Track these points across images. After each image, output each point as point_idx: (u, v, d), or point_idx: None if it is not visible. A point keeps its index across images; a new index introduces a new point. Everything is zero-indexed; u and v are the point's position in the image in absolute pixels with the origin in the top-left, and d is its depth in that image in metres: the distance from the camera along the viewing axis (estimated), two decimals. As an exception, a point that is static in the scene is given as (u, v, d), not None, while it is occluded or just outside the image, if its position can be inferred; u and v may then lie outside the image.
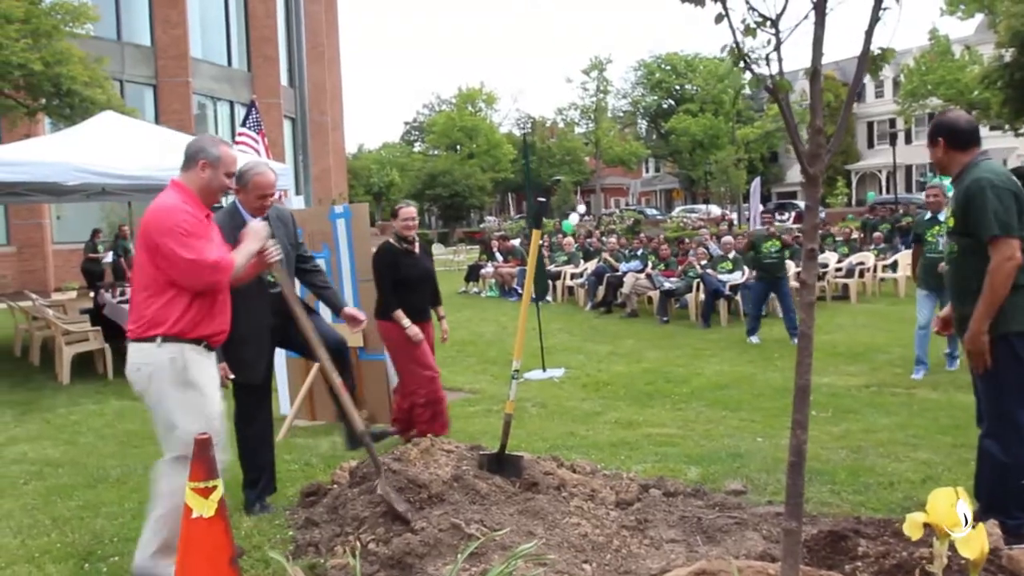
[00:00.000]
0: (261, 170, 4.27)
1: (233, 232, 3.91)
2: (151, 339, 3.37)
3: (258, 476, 4.43)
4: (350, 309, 4.78)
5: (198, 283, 3.40)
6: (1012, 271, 3.37)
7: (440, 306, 6.02)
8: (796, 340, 9.01)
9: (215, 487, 2.85)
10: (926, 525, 2.03)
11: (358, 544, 3.43)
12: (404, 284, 5.62)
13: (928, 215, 7.40)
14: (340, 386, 4.06)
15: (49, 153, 8.35)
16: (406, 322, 5.54)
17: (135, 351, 3.43)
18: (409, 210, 5.88)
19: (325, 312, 5.29)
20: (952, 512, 1.96)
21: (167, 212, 3.41)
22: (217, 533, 2.85)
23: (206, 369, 3.51)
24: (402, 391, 5.74)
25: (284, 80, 27.61)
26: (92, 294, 11.41)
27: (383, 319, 5.60)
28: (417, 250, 5.84)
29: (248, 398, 4.43)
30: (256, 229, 3.76)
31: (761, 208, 18.22)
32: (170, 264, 3.36)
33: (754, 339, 10.17)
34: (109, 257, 16.11)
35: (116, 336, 8.81)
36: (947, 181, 5.66)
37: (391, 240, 5.76)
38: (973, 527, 1.97)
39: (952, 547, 1.99)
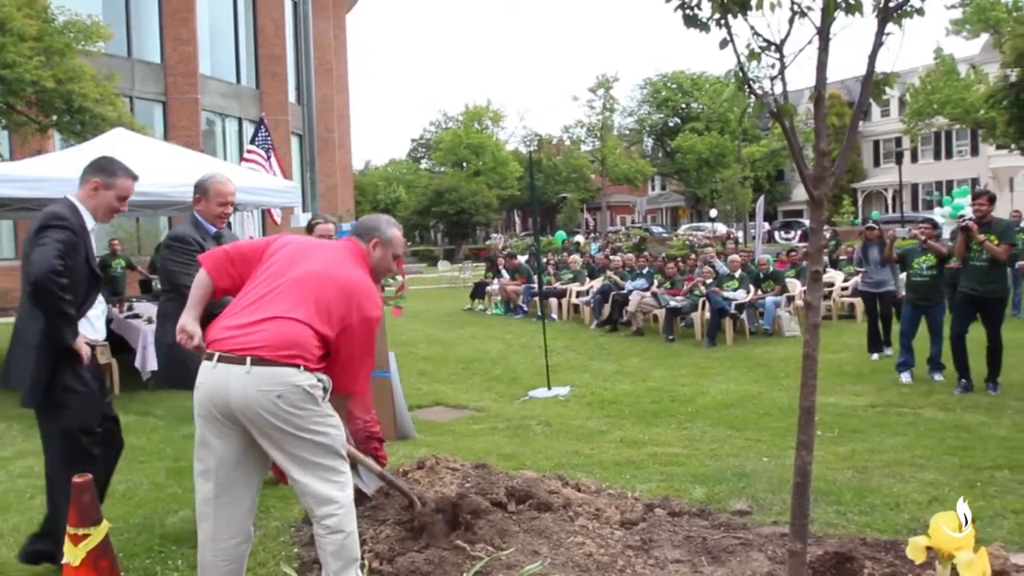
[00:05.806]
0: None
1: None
2: (294, 365, 2.89)
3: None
4: None
5: (351, 381, 3.07)
6: None
7: None
8: (936, 375, 8.25)
9: (87, 535, 2.73)
10: (928, 548, 2.03)
11: (366, 563, 3.43)
12: None
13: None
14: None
15: (61, 169, 8.41)
16: None
17: (271, 375, 2.85)
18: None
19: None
20: (955, 536, 1.97)
21: (375, 298, 3.14)
22: None
23: None
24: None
25: (292, 97, 27.81)
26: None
27: None
28: None
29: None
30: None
31: (767, 227, 18.22)
32: (354, 349, 3.03)
33: (905, 376, 8.15)
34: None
35: (123, 351, 8.85)
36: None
37: None
38: None
39: (954, 570, 2.00)
